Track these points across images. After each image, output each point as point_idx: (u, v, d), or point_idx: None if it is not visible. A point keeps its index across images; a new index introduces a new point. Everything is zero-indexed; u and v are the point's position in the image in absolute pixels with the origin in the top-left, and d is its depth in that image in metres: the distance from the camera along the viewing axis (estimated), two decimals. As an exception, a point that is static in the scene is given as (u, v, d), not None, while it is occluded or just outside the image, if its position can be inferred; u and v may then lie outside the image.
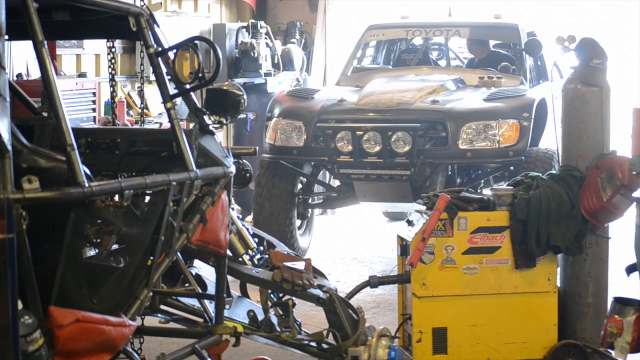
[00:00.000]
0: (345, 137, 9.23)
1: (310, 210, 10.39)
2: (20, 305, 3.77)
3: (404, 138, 9.05)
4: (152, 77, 5.21)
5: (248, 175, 5.87)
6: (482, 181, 9.75)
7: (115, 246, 4.87)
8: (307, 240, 10.49)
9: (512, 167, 9.23)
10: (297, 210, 9.98)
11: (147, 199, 4.92)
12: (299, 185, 10.04)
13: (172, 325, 5.80)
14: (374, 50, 11.93)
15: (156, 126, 10.44)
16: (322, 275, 6.15)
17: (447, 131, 9.09)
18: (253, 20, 12.61)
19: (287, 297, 5.91)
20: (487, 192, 8.61)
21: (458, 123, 9.09)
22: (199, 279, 5.80)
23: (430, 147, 9.20)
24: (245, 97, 5.49)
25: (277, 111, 9.77)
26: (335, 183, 10.19)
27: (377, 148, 9.11)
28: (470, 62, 11.43)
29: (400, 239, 6.50)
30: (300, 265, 5.85)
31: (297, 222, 10.09)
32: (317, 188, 10.44)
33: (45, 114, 5.47)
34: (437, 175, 9.35)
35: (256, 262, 5.96)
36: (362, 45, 11.46)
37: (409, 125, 9.04)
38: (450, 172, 9.54)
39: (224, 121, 5.43)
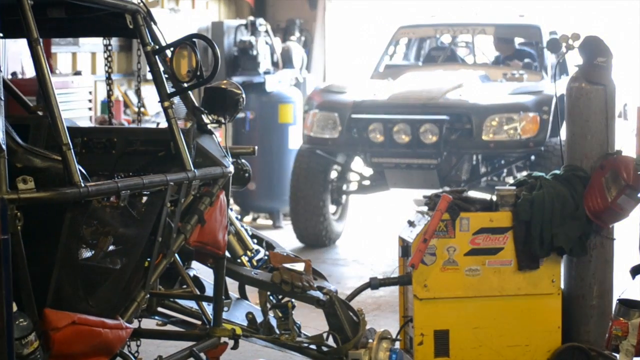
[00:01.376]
0: (377, 128, 10.03)
1: (344, 196, 11.23)
2: (15, 308, 3.77)
3: (432, 130, 9.81)
4: (149, 76, 5.17)
5: (247, 175, 5.86)
6: (505, 170, 10.45)
7: (111, 247, 4.83)
8: (341, 225, 11.38)
9: (532, 157, 9.96)
10: (331, 197, 10.93)
11: (144, 199, 4.89)
12: (334, 174, 10.93)
13: (170, 327, 5.81)
14: (405, 48, 12.67)
15: (153, 125, 10.40)
16: (322, 276, 6.14)
17: (472, 123, 9.85)
18: (252, 18, 12.57)
19: (286, 299, 5.89)
20: (509, 180, 9.70)
21: (482, 116, 9.84)
22: (197, 280, 5.79)
23: (456, 138, 9.94)
24: (243, 95, 5.46)
25: (314, 104, 10.64)
26: (368, 171, 10.91)
27: (407, 139, 9.91)
28: (496, 59, 12.13)
29: (402, 240, 6.45)
30: (299, 266, 5.84)
31: (332, 208, 11.05)
32: (350, 176, 11.26)
33: (40, 113, 5.46)
34: (462, 164, 10.17)
35: (255, 263, 5.94)
36: (394, 43, 12.23)
37: (437, 118, 9.82)
38: (474, 162, 10.31)
39: (223, 120, 5.40)
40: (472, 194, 6.59)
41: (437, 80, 10.68)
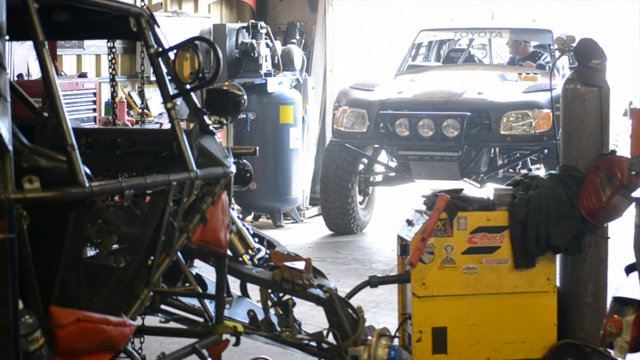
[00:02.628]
0: (403, 123, 10.73)
1: (371, 187, 12.02)
2: (20, 305, 3.79)
3: (453, 125, 10.51)
4: (153, 78, 5.21)
5: (248, 175, 5.87)
6: (520, 162, 11.16)
7: (115, 246, 4.88)
8: (368, 214, 12.22)
9: (545, 150, 10.52)
10: (359, 188, 11.72)
11: (148, 199, 4.93)
12: (361, 166, 11.71)
13: (173, 324, 5.79)
14: (425, 49, 13.52)
15: (156, 126, 10.45)
16: (322, 275, 6.15)
17: (490, 119, 10.56)
18: (253, 21, 12.56)
19: (287, 296, 5.91)
20: (524, 171, 10.23)
21: (500, 112, 10.54)
22: (199, 278, 5.80)
23: (476, 133, 10.63)
24: (245, 97, 5.49)
25: (343, 101, 11.34)
26: (393, 164, 11.66)
27: (431, 133, 10.59)
28: (511, 60, 12.95)
29: (400, 239, 6.50)
30: (300, 265, 5.85)
31: (360, 198, 11.85)
32: (377, 168, 12.07)
33: (46, 114, 5.48)
34: (481, 157, 10.92)
35: (256, 261, 5.96)
36: (416, 45, 13.03)
37: (458, 114, 10.50)
38: (492, 155, 11.08)
39: (224, 121, 5.42)
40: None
41: (458, 79, 11.44)
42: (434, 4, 15.88)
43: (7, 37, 3.77)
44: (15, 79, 9.60)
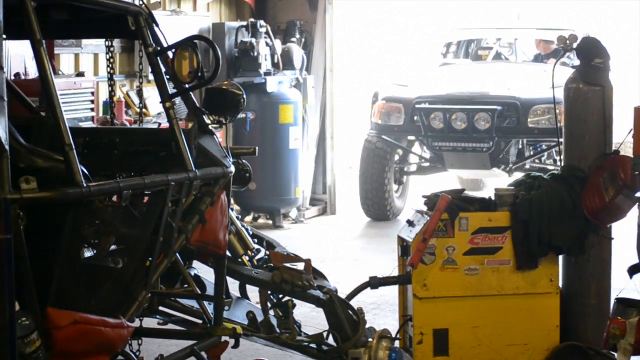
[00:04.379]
0: (437, 116, 11.60)
1: (405, 176, 12.92)
2: (17, 307, 3.79)
3: (485, 118, 11.39)
4: (151, 77, 5.18)
5: (247, 175, 5.86)
6: (546, 154, 11.98)
7: (113, 247, 4.85)
8: (403, 202, 12.99)
9: None
10: (394, 177, 12.60)
11: (146, 199, 4.91)
12: (396, 156, 12.61)
13: (171, 326, 5.80)
14: (456, 47, 14.49)
15: (155, 126, 10.41)
16: (322, 276, 6.14)
17: (518, 112, 11.44)
18: (252, 20, 12.54)
19: (286, 298, 5.89)
20: (549, 162, 11.40)
21: (527, 106, 11.40)
22: (197, 279, 5.79)
23: (505, 125, 11.51)
24: (244, 96, 5.47)
25: (380, 96, 12.25)
26: (426, 155, 12.54)
27: (463, 125, 11.48)
28: (536, 57, 13.80)
29: (401, 240, 6.47)
30: (300, 265, 5.84)
31: (395, 187, 12.72)
32: (411, 159, 12.93)
33: (43, 114, 5.46)
34: (510, 148, 11.73)
35: (255, 262, 5.95)
36: (446, 44, 14.19)
37: (489, 108, 11.40)
38: (520, 146, 11.92)
39: (223, 121, 5.41)
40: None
41: (488, 75, 12.40)
42: (434, 4, 15.87)
43: (4, 36, 3.75)
44: (12, 77, 9.58)
